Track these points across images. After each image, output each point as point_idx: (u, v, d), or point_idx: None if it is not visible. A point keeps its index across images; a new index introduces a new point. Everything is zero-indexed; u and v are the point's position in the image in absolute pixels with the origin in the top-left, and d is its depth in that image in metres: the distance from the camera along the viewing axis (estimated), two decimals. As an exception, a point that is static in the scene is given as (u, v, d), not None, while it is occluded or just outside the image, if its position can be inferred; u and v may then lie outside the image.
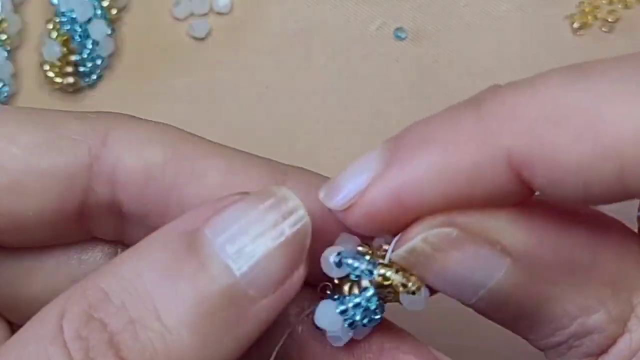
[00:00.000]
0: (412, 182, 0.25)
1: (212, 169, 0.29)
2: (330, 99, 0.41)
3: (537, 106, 0.23)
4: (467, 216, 0.24)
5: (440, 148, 0.25)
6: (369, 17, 0.42)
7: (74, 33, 0.41)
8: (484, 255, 0.24)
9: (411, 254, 0.25)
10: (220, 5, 0.42)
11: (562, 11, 0.41)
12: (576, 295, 0.24)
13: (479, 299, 0.25)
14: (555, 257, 0.24)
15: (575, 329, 0.25)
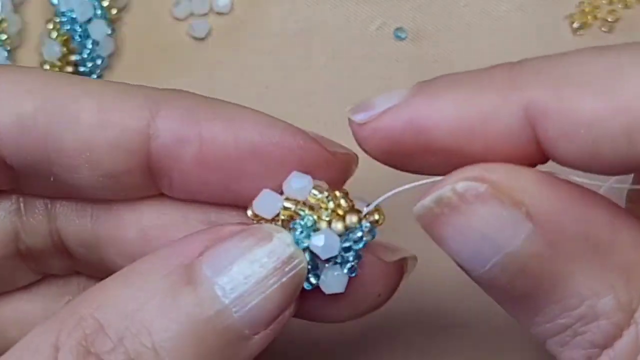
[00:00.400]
0: (429, 111, 0.25)
1: (85, 111, 0.29)
2: (330, 99, 0.41)
3: (562, 67, 0.24)
4: (497, 173, 0.24)
5: (465, 88, 0.25)
6: (369, 17, 0.42)
7: (74, 33, 0.41)
8: (507, 216, 0.24)
9: (437, 203, 0.25)
10: (220, 5, 0.42)
11: (562, 11, 0.41)
12: (590, 275, 0.24)
13: (493, 267, 0.24)
14: (577, 229, 0.24)
15: (583, 311, 0.24)
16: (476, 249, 0.24)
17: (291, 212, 0.27)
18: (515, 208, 0.24)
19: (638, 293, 0.24)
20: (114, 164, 0.29)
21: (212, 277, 0.25)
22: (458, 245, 0.25)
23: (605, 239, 0.24)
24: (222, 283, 0.25)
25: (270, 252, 0.26)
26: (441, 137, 0.25)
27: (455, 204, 0.24)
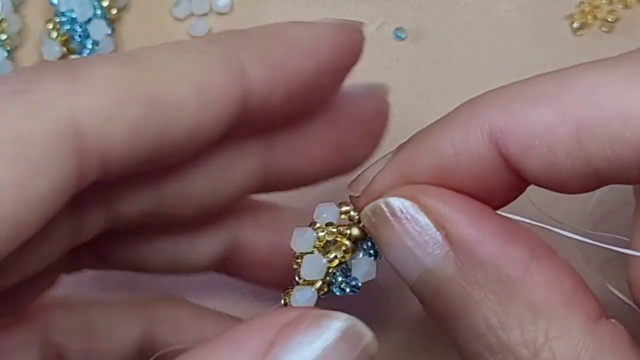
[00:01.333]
0: (410, 166, 0.27)
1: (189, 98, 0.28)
2: (330, 99, 0.41)
3: (515, 88, 0.26)
4: (428, 195, 0.26)
5: (436, 133, 0.27)
6: (369, 17, 0.42)
7: (74, 33, 0.41)
8: (430, 235, 0.26)
9: (373, 213, 0.27)
10: (220, 5, 0.42)
11: (562, 11, 0.41)
12: (497, 306, 0.25)
13: (418, 280, 0.26)
14: (489, 262, 0.26)
15: (490, 341, 0.26)
16: (404, 260, 0.27)
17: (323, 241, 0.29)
18: (436, 230, 0.26)
19: (544, 333, 0.25)
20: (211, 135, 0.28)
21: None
22: (390, 255, 0.27)
23: (515, 276, 0.25)
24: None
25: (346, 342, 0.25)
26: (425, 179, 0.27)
27: (386, 217, 0.27)
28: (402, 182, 0.27)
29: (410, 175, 0.27)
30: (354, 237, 0.29)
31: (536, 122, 0.25)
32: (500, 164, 0.26)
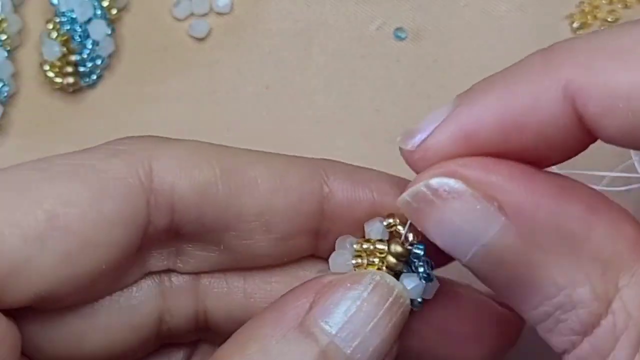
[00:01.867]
0: (472, 118, 0.26)
1: (262, 177, 0.29)
2: (330, 99, 0.41)
3: (595, 43, 0.25)
4: (471, 168, 0.25)
5: (502, 85, 0.26)
6: (369, 17, 0.42)
7: (74, 33, 0.41)
8: (480, 210, 0.25)
9: (414, 198, 0.26)
10: (220, 5, 0.42)
11: (562, 11, 0.41)
12: (565, 265, 0.25)
13: (473, 257, 0.25)
14: (551, 223, 0.25)
15: (561, 300, 0.25)
16: (455, 240, 0.25)
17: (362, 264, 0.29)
18: (487, 202, 0.25)
19: (614, 283, 0.25)
20: (290, 227, 0.29)
21: (330, 330, 0.26)
22: (439, 237, 0.26)
23: (579, 232, 0.25)
24: (342, 335, 0.26)
25: (379, 295, 0.26)
26: (490, 140, 0.26)
27: (430, 199, 0.25)
28: (462, 138, 0.26)
29: (472, 131, 0.26)
30: (397, 253, 0.28)
31: (621, 84, 0.24)
32: (574, 123, 0.25)
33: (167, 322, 0.30)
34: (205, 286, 0.31)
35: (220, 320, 0.31)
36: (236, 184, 0.29)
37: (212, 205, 0.29)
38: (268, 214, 0.29)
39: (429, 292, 0.29)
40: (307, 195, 0.29)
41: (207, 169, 0.29)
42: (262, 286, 0.31)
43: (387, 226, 0.29)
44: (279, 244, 0.30)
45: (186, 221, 0.29)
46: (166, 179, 0.28)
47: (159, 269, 0.30)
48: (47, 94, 0.42)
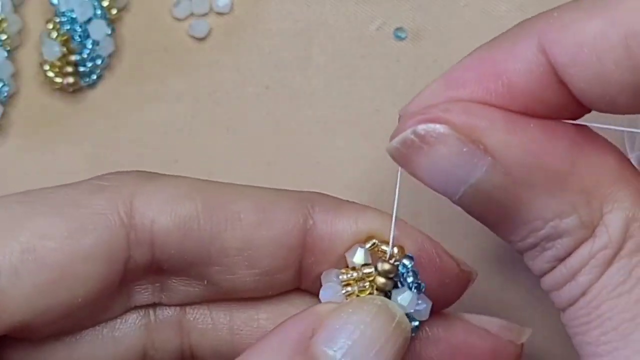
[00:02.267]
0: (459, 73, 0.28)
1: (245, 211, 0.29)
2: (330, 99, 0.41)
3: (567, 2, 0.27)
4: (454, 114, 0.26)
5: (486, 46, 0.28)
6: (369, 17, 0.42)
7: (74, 33, 0.41)
8: (467, 153, 0.26)
9: (402, 144, 0.27)
10: (220, 5, 0.42)
11: (562, 11, 0.41)
12: (551, 199, 0.26)
13: (463, 196, 0.26)
14: (535, 161, 0.26)
15: (547, 232, 0.26)
16: (444, 181, 0.26)
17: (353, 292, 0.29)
18: (473, 144, 0.26)
19: (599, 210, 0.26)
20: (274, 261, 0.29)
21: (335, 355, 0.26)
22: (428, 179, 0.27)
23: (563, 167, 0.26)
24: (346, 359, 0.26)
25: (382, 320, 0.27)
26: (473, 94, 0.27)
27: (418, 145, 0.26)
28: (447, 93, 0.27)
29: (456, 84, 0.27)
30: (384, 270, 0.29)
31: (585, 30, 0.25)
32: (552, 79, 0.26)
33: (151, 357, 0.31)
34: (190, 321, 0.31)
35: (206, 356, 0.31)
36: (218, 218, 0.29)
37: (194, 240, 0.29)
38: (251, 249, 0.29)
39: (423, 313, 0.29)
40: (290, 229, 0.29)
41: (189, 204, 0.29)
42: (249, 322, 0.31)
43: (370, 248, 0.29)
44: (263, 278, 0.30)
45: (168, 256, 0.29)
46: (147, 215, 0.29)
47: (143, 303, 0.30)
48: (47, 94, 0.42)
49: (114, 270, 0.28)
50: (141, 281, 0.30)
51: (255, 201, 0.29)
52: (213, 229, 0.29)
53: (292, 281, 0.30)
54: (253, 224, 0.29)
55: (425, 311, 0.29)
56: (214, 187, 0.30)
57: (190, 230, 0.29)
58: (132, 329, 0.30)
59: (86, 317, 0.29)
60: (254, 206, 0.29)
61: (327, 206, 0.30)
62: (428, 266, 0.30)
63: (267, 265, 0.29)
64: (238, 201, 0.29)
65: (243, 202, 0.29)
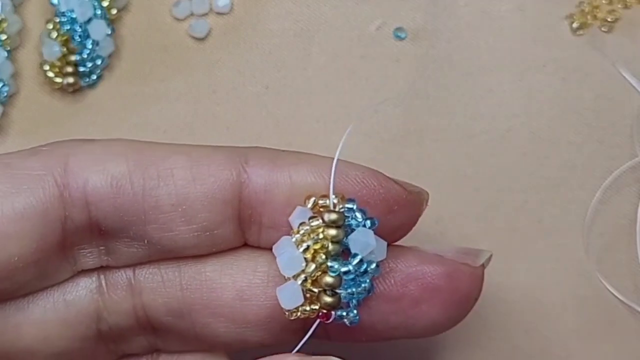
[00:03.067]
0: None
1: (177, 167, 0.30)
2: (330, 99, 0.41)
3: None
4: None
5: None
6: (369, 17, 0.42)
7: (74, 33, 0.41)
8: None
9: None
10: (220, 5, 0.42)
11: (562, 11, 0.41)
12: None
13: None
14: None
15: None
16: None
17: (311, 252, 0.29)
18: None
19: None
20: (210, 216, 0.30)
21: None
22: None
23: None
24: None
25: None
26: None
27: None
28: None
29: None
30: (331, 220, 0.29)
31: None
32: None
33: (106, 320, 0.31)
34: (140, 281, 0.31)
35: (160, 315, 0.31)
36: (150, 175, 0.29)
37: (128, 198, 0.29)
38: (185, 204, 0.29)
39: (380, 251, 0.29)
40: (223, 183, 0.30)
41: (121, 162, 0.29)
42: (196, 277, 0.31)
43: (312, 207, 0.29)
44: (202, 234, 0.30)
45: (104, 215, 0.29)
46: (80, 174, 0.29)
47: (91, 266, 0.31)
48: (47, 94, 0.42)
49: (51, 230, 0.29)
50: (84, 244, 0.30)
51: (187, 157, 0.30)
52: (146, 186, 0.29)
53: (235, 237, 0.31)
54: (186, 179, 0.29)
55: (382, 250, 0.29)
56: (147, 146, 0.30)
57: (123, 188, 0.29)
58: (84, 293, 0.31)
59: (33, 280, 0.30)
60: (186, 162, 0.30)
61: (261, 160, 0.30)
62: (373, 199, 0.30)
63: (203, 220, 0.30)
64: (170, 157, 0.30)
65: (175, 158, 0.30)
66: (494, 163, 0.40)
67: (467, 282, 0.31)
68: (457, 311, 0.31)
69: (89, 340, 0.31)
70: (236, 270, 0.31)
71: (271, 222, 0.30)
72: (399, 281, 0.30)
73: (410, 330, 0.31)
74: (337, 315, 0.29)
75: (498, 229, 0.39)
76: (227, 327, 0.31)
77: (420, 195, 0.31)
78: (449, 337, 0.38)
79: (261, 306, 0.30)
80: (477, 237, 0.39)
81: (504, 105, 0.40)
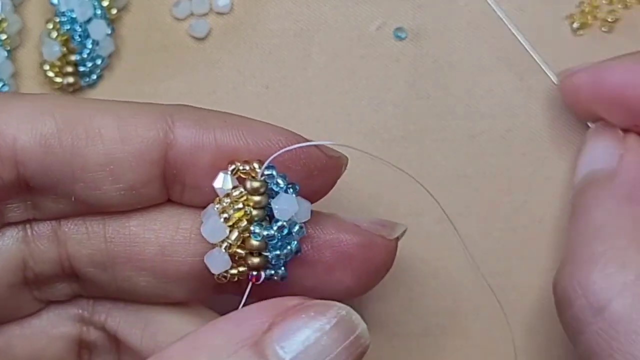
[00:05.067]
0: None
1: (105, 127, 0.30)
2: (330, 99, 0.41)
3: None
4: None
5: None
6: (369, 17, 0.42)
7: (74, 33, 0.41)
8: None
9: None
10: (220, 5, 0.42)
11: (562, 11, 0.41)
12: None
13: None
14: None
15: None
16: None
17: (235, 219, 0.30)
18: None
19: None
20: (136, 175, 0.30)
21: (284, 356, 0.25)
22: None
23: None
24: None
25: (340, 331, 0.26)
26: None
27: None
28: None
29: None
30: (253, 189, 0.29)
31: None
32: None
33: (32, 268, 0.31)
34: (66, 232, 0.31)
35: (84, 265, 0.32)
36: (78, 134, 0.30)
37: (56, 157, 0.29)
38: (112, 164, 0.30)
39: (304, 213, 0.30)
40: (150, 144, 0.30)
41: (49, 121, 0.29)
42: (121, 230, 0.31)
43: (232, 172, 0.30)
44: (128, 193, 0.30)
45: (32, 173, 0.30)
46: (8, 133, 0.29)
47: (17, 220, 0.31)
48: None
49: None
50: (11, 199, 0.30)
51: (115, 117, 0.30)
52: (74, 145, 0.30)
53: (159, 195, 0.31)
54: (114, 139, 0.30)
55: (306, 211, 0.30)
56: (76, 103, 0.31)
57: (51, 147, 0.29)
58: (9, 242, 0.31)
59: None
60: (114, 122, 0.30)
61: (188, 121, 0.31)
62: (294, 164, 0.31)
63: (130, 179, 0.30)
64: (98, 117, 0.30)
65: (103, 118, 0.30)
66: (494, 163, 0.40)
67: (379, 253, 0.32)
68: (368, 280, 0.32)
69: (15, 287, 0.31)
70: (159, 226, 0.31)
71: (195, 183, 0.31)
72: (316, 247, 0.31)
73: (323, 293, 0.31)
74: (266, 275, 0.30)
75: (498, 229, 0.39)
76: (148, 281, 0.31)
77: (339, 160, 0.32)
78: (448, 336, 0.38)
79: (182, 262, 0.31)
80: (477, 237, 0.39)
81: (504, 105, 0.40)
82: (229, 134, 0.30)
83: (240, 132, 0.30)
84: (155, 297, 0.32)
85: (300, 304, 0.27)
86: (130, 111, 0.30)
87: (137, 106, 0.31)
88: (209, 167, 0.30)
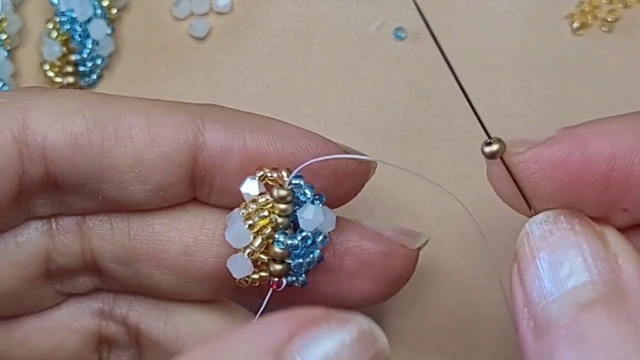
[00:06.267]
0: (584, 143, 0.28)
1: (135, 128, 0.30)
2: (330, 99, 0.41)
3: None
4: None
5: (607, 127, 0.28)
6: (369, 17, 0.42)
7: (74, 33, 0.41)
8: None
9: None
10: (220, 5, 0.42)
11: (562, 11, 0.41)
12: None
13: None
14: None
15: None
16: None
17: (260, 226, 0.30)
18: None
19: None
20: (165, 177, 0.30)
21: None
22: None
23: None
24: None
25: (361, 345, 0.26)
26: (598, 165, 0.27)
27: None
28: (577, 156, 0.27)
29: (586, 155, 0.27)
30: (280, 197, 0.29)
31: None
32: None
33: (55, 260, 0.32)
34: (90, 227, 0.32)
35: (107, 261, 0.32)
36: (108, 135, 0.30)
37: (85, 156, 0.30)
38: (141, 165, 0.30)
39: (329, 223, 0.30)
40: (180, 146, 0.30)
41: (79, 120, 0.30)
42: (145, 228, 0.32)
43: (260, 179, 0.30)
44: (155, 193, 0.30)
45: (60, 172, 0.30)
46: (38, 131, 0.29)
47: (44, 214, 0.31)
48: (47, 94, 0.42)
49: (8, 184, 0.29)
50: (39, 196, 0.31)
51: (145, 117, 0.30)
52: (103, 146, 0.30)
53: (186, 194, 0.31)
54: (143, 140, 0.30)
55: (331, 222, 0.30)
56: (106, 101, 0.30)
57: (80, 147, 0.29)
58: (35, 235, 0.31)
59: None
60: (144, 122, 0.30)
61: (218, 123, 0.31)
62: (323, 170, 0.31)
63: (158, 181, 0.30)
64: (129, 117, 0.30)
65: (133, 118, 0.30)
66: (494, 163, 0.40)
67: (400, 262, 0.32)
68: (388, 288, 0.32)
69: (38, 279, 0.32)
70: (184, 226, 0.31)
71: (222, 185, 0.31)
72: (338, 253, 0.31)
73: (343, 300, 0.31)
74: (288, 281, 0.30)
75: (498, 229, 0.39)
76: (169, 279, 0.31)
77: (368, 165, 0.32)
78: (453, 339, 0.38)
79: (204, 262, 0.31)
80: (477, 237, 0.39)
81: (504, 105, 0.40)
82: (259, 139, 0.30)
83: (270, 137, 0.30)
84: (176, 295, 0.32)
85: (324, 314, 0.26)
86: (161, 112, 0.30)
87: (167, 106, 0.31)
88: (237, 172, 0.30)
